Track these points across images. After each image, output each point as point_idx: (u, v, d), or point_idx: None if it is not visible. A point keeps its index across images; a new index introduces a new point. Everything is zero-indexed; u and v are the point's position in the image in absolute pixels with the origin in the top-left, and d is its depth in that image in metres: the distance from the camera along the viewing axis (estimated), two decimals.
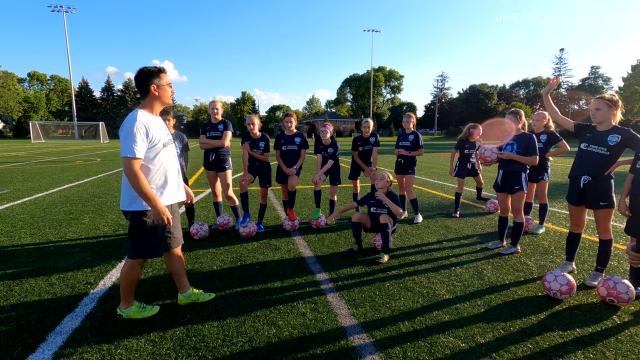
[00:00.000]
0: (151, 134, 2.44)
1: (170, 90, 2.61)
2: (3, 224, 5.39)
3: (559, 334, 2.55)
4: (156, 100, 2.56)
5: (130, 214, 2.53)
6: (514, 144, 4.12)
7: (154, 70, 2.52)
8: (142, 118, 2.42)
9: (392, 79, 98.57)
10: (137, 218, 2.51)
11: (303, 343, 2.42)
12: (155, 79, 2.51)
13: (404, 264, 3.88)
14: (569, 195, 3.52)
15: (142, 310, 2.73)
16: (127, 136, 2.34)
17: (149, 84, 2.49)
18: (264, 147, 4.96)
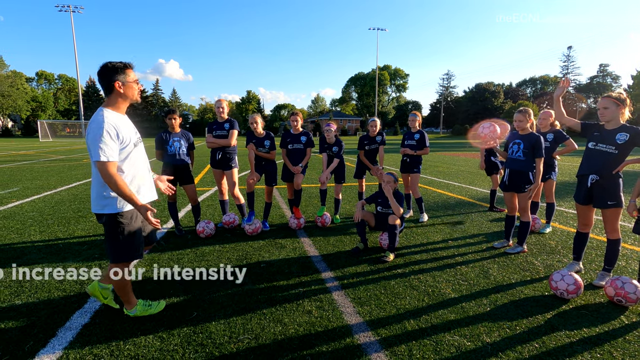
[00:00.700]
0: (121, 135, 2.33)
1: (137, 87, 2.47)
2: (13, 221, 5.47)
3: (566, 333, 2.53)
4: (121, 97, 2.41)
5: (104, 217, 2.43)
6: (521, 143, 4.09)
7: (119, 66, 2.36)
8: (109, 119, 2.29)
9: (397, 78, 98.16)
10: (113, 220, 2.42)
11: (309, 340, 2.44)
12: (120, 76, 2.35)
13: (410, 262, 3.88)
14: (576, 194, 3.50)
15: (147, 308, 2.74)
16: (97, 139, 2.22)
17: (113, 81, 2.34)
18: (269, 145, 5.00)
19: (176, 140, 4.66)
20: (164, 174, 4.67)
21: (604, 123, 3.30)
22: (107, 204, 2.39)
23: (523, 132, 4.14)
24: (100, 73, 2.35)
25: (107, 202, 2.39)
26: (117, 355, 2.26)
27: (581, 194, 3.41)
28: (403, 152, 5.67)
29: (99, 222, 2.49)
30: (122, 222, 2.44)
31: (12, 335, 2.47)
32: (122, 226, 2.45)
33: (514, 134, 4.24)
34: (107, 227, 2.45)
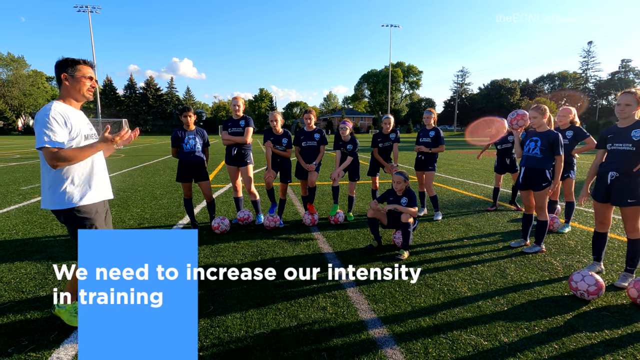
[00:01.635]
0: (69, 123, 2.25)
1: (89, 83, 2.36)
2: (36, 216, 5.65)
3: (587, 335, 2.48)
4: (70, 91, 2.33)
5: (62, 215, 2.34)
6: (538, 140, 3.99)
7: (69, 60, 2.33)
8: (56, 108, 2.23)
9: (410, 75, 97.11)
10: (71, 215, 2.33)
11: (324, 336, 2.45)
12: (68, 69, 2.30)
13: (424, 260, 3.85)
14: (595, 192, 3.40)
15: (74, 314, 2.50)
16: (43, 125, 2.14)
17: (61, 73, 2.30)
18: (286, 144, 5.04)
19: (191, 137, 4.73)
20: (179, 170, 4.78)
21: (616, 123, 3.25)
22: (60, 198, 2.28)
23: (540, 129, 4.04)
24: (55, 66, 2.33)
25: (60, 198, 2.28)
26: None
27: (601, 191, 3.31)
28: (418, 150, 5.62)
29: (60, 221, 2.40)
30: (80, 216, 2.34)
31: (37, 325, 2.56)
32: (84, 220, 2.35)
33: (531, 131, 4.15)
34: (68, 223, 2.35)
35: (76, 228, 2.26)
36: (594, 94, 70.49)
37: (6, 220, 5.36)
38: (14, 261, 3.76)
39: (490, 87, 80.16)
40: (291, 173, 5.21)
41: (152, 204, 6.61)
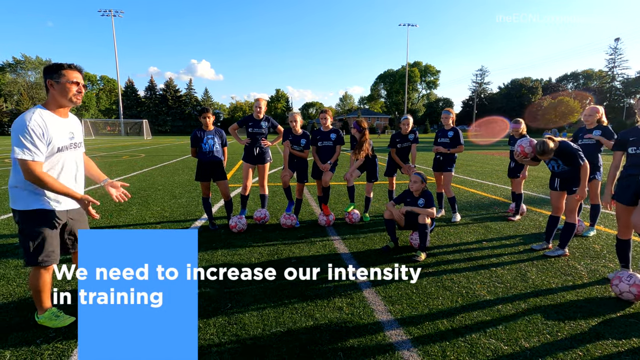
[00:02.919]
0: (47, 134, 2.21)
1: (75, 88, 2.31)
2: None
3: (613, 342, 2.39)
4: (55, 97, 2.28)
5: (17, 214, 2.30)
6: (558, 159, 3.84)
7: (54, 65, 2.28)
8: (36, 118, 2.18)
9: (427, 74, 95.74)
10: (24, 218, 2.29)
11: (340, 336, 2.45)
12: (53, 74, 2.26)
13: (442, 262, 3.80)
14: (620, 195, 3.23)
15: (54, 319, 2.54)
16: (19, 137, 2.11)
17: (46, 79, 2.27)
18: (305, 144, 5.09)
19: (210, 137, 4.82)
20: (198, 170, 4.88)
21: (637, 125, 3.15)
22: (19, 198, 2.28)
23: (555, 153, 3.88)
24: (43, 72, 2.32)
25: (19, 197, 2.27)
26: None
27: (628, 193, 3.17)
28: (436, 151, 5.54)
29: (14, 219, 2.38)
30: (32, 222, 2.30)
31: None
32: (32, 226, 2.30)
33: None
34: (20, 225, 2.32)
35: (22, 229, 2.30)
36: (621, 93, 67.77)
37: None
38: None
39: (511, 86, 78.21)
40: (307, 173, 5.24)
41: (172, 202, 6.76)
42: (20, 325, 2.56)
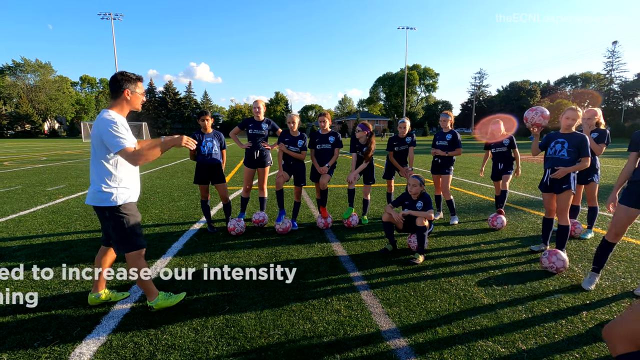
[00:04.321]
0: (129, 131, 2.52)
1: (142, 98, 2.69)
2: (60, 216, 5.87)
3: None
4: (127, 104, 2.61)
5: (107, 211, 2.54)
6: (565, 142, 3.87)
7: (133, 77, 2.60)
8: (114, 116, 2.48)
9: (426, 77, 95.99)
10: (116, 213, 2.55)
11: (338, 338, 2.45)
12: (131, 85, 2.58)
13: (440, 265, 3.80)
14: (629, 198, 3.13)
15: (168, 298, 2.81)
16: (112, 132, 2.39)
17: (124, 88, 2.55)
18: (302, 145, 5.09)
19: (209, 140, 4.83)
20: (196, 173, 4.89)
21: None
22: (105, 197, 2.51)
23: (566, 131, 3.92)
24: (114, 79, 2.56)
25: (108, 196, 2.51)
26: (156, 344, 2.38)
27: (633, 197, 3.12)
28: (434, 153, 5.56)
29: (100, 216, 2.61)
30: (125, 213, 2.58)
31: (61, 321, 2.66)
32: (127, 217, 2.58)
33: (555, 133, 4.04)
34: (111, 221, 2.56)
35: (117, 222, 2.55)
36: (619, 96, 68.01)
37: (33, 220, 5.58)
38: (40, 259, 3.91)
39: (509, 88, 78.45)
40: (305, 176, 5.25)
41: (170, 205, 6.75)
42: (17, 328, 2.55)
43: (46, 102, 69.70)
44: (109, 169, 2.52)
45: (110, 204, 2.53)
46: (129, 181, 2.64)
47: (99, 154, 2.50)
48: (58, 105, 71.62)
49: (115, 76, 2.56)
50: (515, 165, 5.47)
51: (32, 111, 66.83)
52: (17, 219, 5.64)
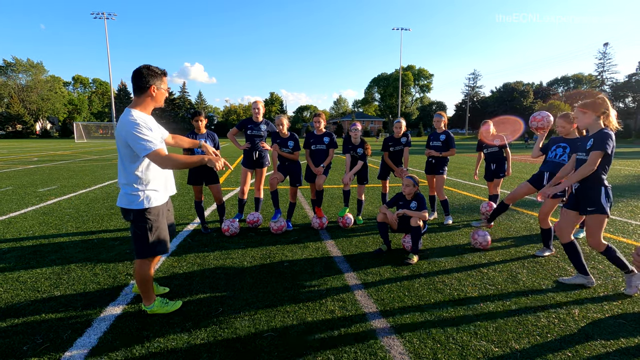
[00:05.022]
0: (152, 129, 2.43)
1: (166, 95, 2.59)
2: (52, 217, 5.79)
3: (601, 343, 2.42)
4: (152, 101, 2.50)
5: (132, 213, 2.50)
6: (567, 147, 3.93)
7: (159, 72, 2.48)
8: (138, 116, 2.39)
9: (421, 78, 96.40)
10: (141, 217, 2.50)
11: (332, 339, 2.44)
12: (157, 81, 2.46)
13: (434, 265, 3.81)
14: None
15: (164, 305, 2.75)
16: (137, 135, 2.30)
17: (150, 84, 2.43)
18: (293, 146, 5.07)
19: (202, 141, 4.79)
20: (190, 173, 4.85)
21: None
22: (134, 200, 2.46)
23: (569, 136, 3.98)
24: (139, 74, 2.40)
25: (135, 199, 2.46)
26: (148, 347, 2.35)
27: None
28: (428, 154, 5.58)
29: (126, 218, 2.55)
30: (149, 218, 2.51)
31: (51, 324, 2.62)
32: (150, 222, 2.52)
33: (557, 137, 4.09)
34: (135, 223, 2.52)
35: (138, 227, 2.50)
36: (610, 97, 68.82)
37: (23, 222, 5.50)
38: (30, 261, 3.86)
39: (503, 89, 79.04)
40: (300, 176, 5.24)
41: None
42: (6, 332, 2.51)
43: (38, 102, 68.84)
44: (134, 171, 2.43)
45: (135, 207, 2.47)
46: (157, 183, 2.56)
47: (124, 156, 2.42)
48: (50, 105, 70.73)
49: (140, 71, 2.40)
50: (507, 165, 5.51)
51: (24, 111, 65.95)
52: (7, 221, 5.55)
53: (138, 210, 2.48)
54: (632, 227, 5.30)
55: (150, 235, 2.53)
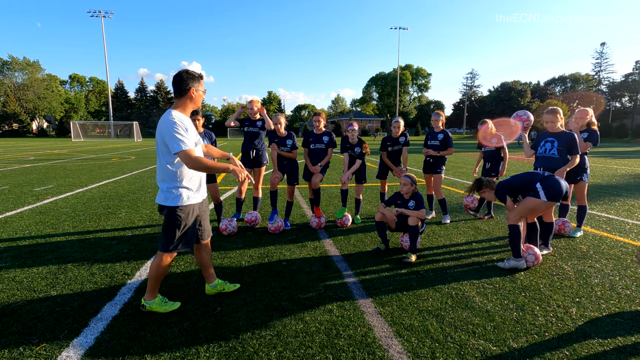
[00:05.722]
0: (189, 130, 2.56)
1: (203, 97, 2.76)
2: (48, 216, 5.76)
3: (599, 341, 2.42)
4: (191, 102, 2.66)
5: (165, 209, 2.63)
6: (555, 141, 3.95)
7: (196, 75, 2.65)
8: (178, 117, 2.54)
9: (419, 77, 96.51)
10: (173, 213, 2.61)
11: (330, 339, 2.44)
12: (195, 83, 2.63)
13: (432, 264, 3.81)
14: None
15: (163, 304, 2.77)
16: (173, 133, 2.45)
17: (189, 87, 2.60)
18: (291, 145, 5.07)
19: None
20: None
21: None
22: (169, 197, 2.59)
23: (555, 130, 4.01)
24: (179, 77, 2.59)
25: (170, 196, 2.59)
26: (145, 346, 2.34)
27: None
28: (426, 153, 5.58)
29: (160, 213, 2.69)
30: (180, 215, 2.62)
31: (48, 323, 2.60)
32: (180, 219, 2.62)
33: (545, 132, 4.12)
34: (167, 218, 2.64)
35: (169, 222, 2.61)
36: (607, 96, 69.15)
37: (20, 221, 5.47)
38: (27, 261, 3.83)
39: (500, 89, 79.30)
40: (298, 175, 5.23)
41: None
42: (2, 332, 2.49)
43: (34, 100, 68.43)
44: (170, 169, 2.57)
45: (169, 204, 2.59)
46: (193, 183, 2.67)
47: (161, 154, 2.58)
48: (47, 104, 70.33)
49: (181, 75, 2.59)
50: (502, 165, 5.52)
51: (20, 110, 65.53)
52: (4, 220, 5.52)
53: (171, 207, 2.60)
54: (628, 226, 5.32)
55: (178, 232, 2.64)
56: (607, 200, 7.36)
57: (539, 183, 3.52)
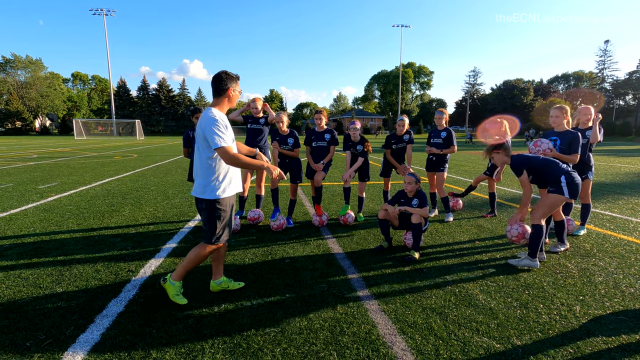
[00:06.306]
0: (228, 128, 2.68)
1: (239, 97, 2.89)
2: (52, 214, 5.79)
3: (603, 339, 2.42)
4: (228, 101, 2.79)
5: (204, 203, 2.73)
6: (557, 140, 3.97)
7: (234, 76, 2.79)
8: (217, 114, 2.66)
9: (421, 75, 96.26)
10: (212, 206, 2.72)
11: (334, 336, 2.45)
12: (233, 84, 2.76)
13: (435, 262, 3.82)
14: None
15: (179, 292, 2.87)
16: (214, 130, 2.55)
17: (229, 87, 2.73)
18: (292, 143, 5.06)
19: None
20: (190, 170, 4.85)
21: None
22: (205, 190, 2.70)
23: (559, 129, 4.02)
24: (219, 77, 2.72)
25: (207, 189, 2.69)
26: (151, 342, 2.35)
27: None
28: (429, 152, 5.57)
29: (198, 207, 2.79)
30: (219, 207, 2.74)
31: (54, 320, 2.62)
32: (219, 211, 2.74)
33: (549, 131, 4.13)
34: (208, 211, 2.74)
35: (210, 215, 2.73)
36: (610, 94, 68.76)
37: (24, 218, 5.50)
38: (32, 258, 3.86)
39: (503, 87, 79.00)
40: (301, 173, 5.23)
41: (165, 203, 6.70)
42: (9, 328, 2.51)
43: (37, 98, 68.68)
44: (209, 163, 2.68)
45: (207, 197, 2.69)
46: (228, 176, 2.78)
47: (201, 150, 2.68)
48: (49, 102, 70.59)
49: (220, 75, 2.72)
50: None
51: (23, 108, 65.79)
52: (8, 217, 5.55)
53: (210, 200, 2.70)
54: (632, 224, 5.31)
55: (219, 223, 2.77)
56: (610, 198, 7.33)
57: (564, 177, 3.47)
